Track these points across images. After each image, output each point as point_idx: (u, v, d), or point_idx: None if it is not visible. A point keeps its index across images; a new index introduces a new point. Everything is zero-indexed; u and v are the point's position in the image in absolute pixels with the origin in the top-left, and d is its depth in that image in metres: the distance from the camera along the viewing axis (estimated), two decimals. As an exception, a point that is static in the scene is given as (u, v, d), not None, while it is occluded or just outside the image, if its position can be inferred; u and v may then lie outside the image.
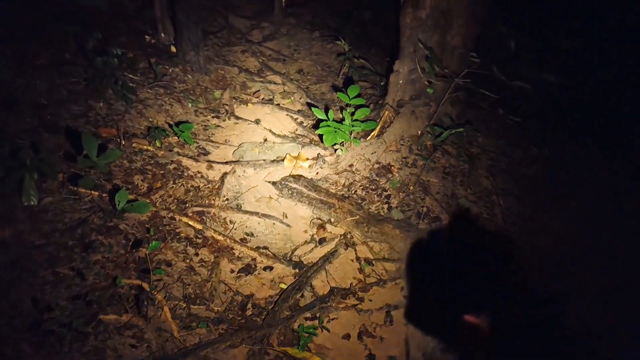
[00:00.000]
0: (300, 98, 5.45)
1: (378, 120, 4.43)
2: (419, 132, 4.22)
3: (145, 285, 2.83)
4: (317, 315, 3.12)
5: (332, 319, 3.13)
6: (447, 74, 4.00)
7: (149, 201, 3.54)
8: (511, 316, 3.17)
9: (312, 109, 4.32)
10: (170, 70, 4.98)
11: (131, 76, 4.62)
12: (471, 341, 2.35)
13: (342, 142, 4.27)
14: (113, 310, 2.71)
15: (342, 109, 4.60)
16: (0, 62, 3.72)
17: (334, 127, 4.14)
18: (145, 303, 2.74)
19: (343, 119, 4.24)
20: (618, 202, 4.24)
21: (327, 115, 4.20)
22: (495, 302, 3.14)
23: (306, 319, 3.10)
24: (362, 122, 4.28)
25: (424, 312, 3.21)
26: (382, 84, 5.31)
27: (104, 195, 3.38)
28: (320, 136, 4.22)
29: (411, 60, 4.22)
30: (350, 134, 4.24)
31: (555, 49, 4.17)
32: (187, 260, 3.28)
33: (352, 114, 4.22)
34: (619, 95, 4.63)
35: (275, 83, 5.62)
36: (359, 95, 4.26)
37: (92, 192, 3.35)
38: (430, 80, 4.09)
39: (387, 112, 4.39)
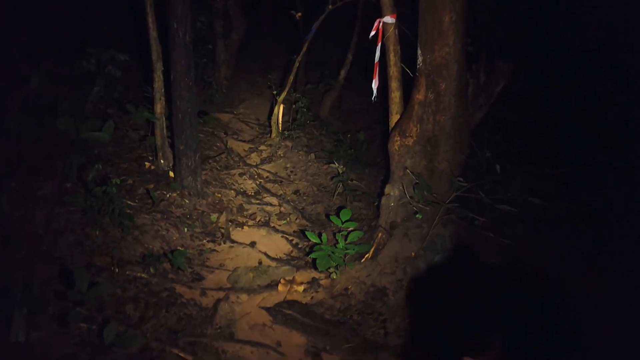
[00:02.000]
0: (296, 219, 5.53)
1: (372, 242, 4.48)
2: (413, 253, 4.25)
3: None
4: None
5: None
6: (436, 199, 4.11)
7: (139, 331, 3.47)
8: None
9: (306, 232, 4.39)
10: (168, 196, 5.11)
11: (129, 202, 4.74)
12: None
13: (337, 265, 4.28)
14: None
15: (335, 232, 4.66)
16: (2, 195, 3.83)
17: (328, 251, 4.17)
18: None
19: (337, 242, 4.28)
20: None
21: (320, 239, 4.25)
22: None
23: None
24: (356, 244, 4.32)
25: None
26: (375, 204, 5.41)
27: (93, 327, 3.33)
28: (314, 260, 4.24)
29: (401, 184, 4.36)
30: (344, 257, 4.26)
31: (541, 173, 4.33)
32: (176, 398, 3.16)
33: (345, 237, 4.27)
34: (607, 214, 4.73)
35: (271, 205, 5.74)
36: (352, 218, 4.35)
37: (82, 324, 3.30)
38: (418, 206, 4.19)
39: (380, 234, 4.45)
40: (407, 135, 4.27)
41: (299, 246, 5.03)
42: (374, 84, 4.76)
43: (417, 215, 4.17)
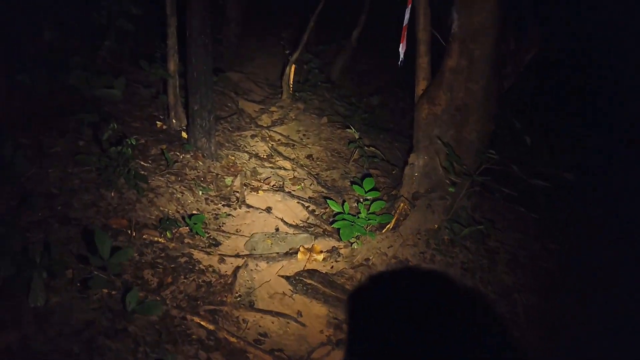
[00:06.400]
0: (310, 185, 5.41)
1: (393, 213, 4.37)
2: (436, 226, 4.16)
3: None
4: None
5: None
6: (464, 170, 3.99)
7: (159, 298, 3.39)
8: None
9: (328, 201, 4.29)
10: (182, 157, 4.96)
11: (143, 163, 4.59)
12: None
13: (357, 235, 4.19)
14: None
15: (356, 200, 4.56)
16: (16, 152, 3.68)
17: (351, 221, 4.07)
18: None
19: (359, 212, 4.18)
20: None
21: (343, 208, 4.15)
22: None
23: None
24: (377, 214, 4.22)
25: None
26: (393, 172, 5.30)
27: (113, 292, 3.23)
28: (337, 230, 4.14)
29: (426, 154, 4.23)
30: (366, 227, 4.17)
31: (571, 145, 4.20)
32: (199, 366, 3.09)
33: (368, 207, 4.16)
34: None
35: (285, 169, 5.60)
36: (374, 188, 4.23)
37: (102, 290, 3.21)
38: (451, 179, 4.06)
39: (402, 205, 4.34)
40: (436, 103, 4.11)
41: (316, 213, 4.92)
42: (401, 48, 4.55)
43: (449, 189, 4.04)
